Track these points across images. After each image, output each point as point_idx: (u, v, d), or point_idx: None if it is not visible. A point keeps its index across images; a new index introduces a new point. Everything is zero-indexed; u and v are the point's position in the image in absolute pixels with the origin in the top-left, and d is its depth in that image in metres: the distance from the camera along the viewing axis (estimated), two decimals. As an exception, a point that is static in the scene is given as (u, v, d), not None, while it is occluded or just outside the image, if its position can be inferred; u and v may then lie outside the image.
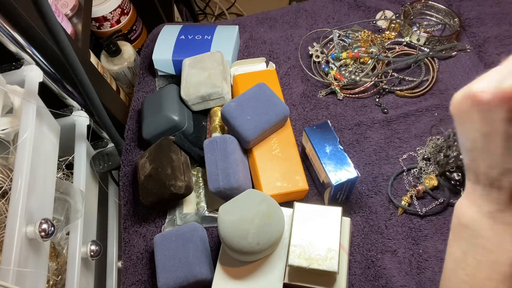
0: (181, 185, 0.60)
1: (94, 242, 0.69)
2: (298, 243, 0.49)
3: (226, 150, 0.59)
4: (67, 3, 0.77)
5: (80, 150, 0.76)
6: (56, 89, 0.71)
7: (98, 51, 0.98)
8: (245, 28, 0.84)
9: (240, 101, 0.62)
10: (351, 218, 0.60)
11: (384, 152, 0.65)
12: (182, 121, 0.67)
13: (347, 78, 0.70)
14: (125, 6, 1.02)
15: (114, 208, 0.87)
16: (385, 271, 0.56)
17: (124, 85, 1.03)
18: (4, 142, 0.60)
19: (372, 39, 0.74)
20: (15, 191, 0.52)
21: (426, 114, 0.67)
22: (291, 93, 0.74)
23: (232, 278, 0.53)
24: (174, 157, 0.62)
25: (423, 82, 0.71)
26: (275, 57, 0.79)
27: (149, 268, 0.62)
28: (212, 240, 0.61)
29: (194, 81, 0.68)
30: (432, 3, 0.78)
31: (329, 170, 0.55)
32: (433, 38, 0.72)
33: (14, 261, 0.48)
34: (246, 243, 0.49)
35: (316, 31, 0.81)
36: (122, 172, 0.71)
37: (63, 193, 0.66)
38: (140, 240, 0.64)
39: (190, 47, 0.75)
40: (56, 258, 0.66)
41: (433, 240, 0.57)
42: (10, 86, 0.60)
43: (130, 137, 0.74)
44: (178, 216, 0.64)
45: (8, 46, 0.62)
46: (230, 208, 0.52)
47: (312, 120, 0.70)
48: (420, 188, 0.59)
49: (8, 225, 0.51)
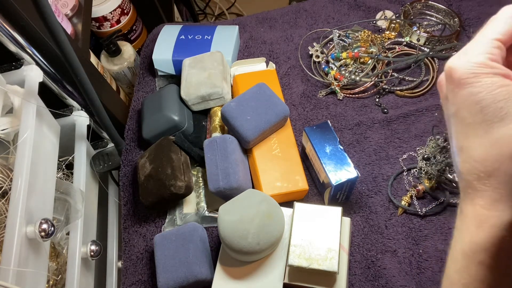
0: (181, 185, 0.60)
1: (94, 242, 0.69)
2: (298, 243, 0.49)
3: (226, 150, 0.59)
4: (67, 3, 0.77)
5: (80, 150, 0.76)
6: (56, 89, 0.71)
7: (98, 51, 0.98)
8: (245, 28, 0.84)
9: (240, 101, 0.62)
10: (351, 218, 0.60)
11: (384, 152, 0.65)
12: (182, 121, 0.67)
13: (347, 78, 0.70)
14: (125, 6, 1.02)
15: (114, 208, 0.87)
16: (385, 271, 0.56)
17: (124, 85, 1.03)
18: (4, 142, 0.60)
19: (372, 39, 0.74)
20: (15, 191, 0.52)
21: (426, 114, 0.67)
22: (291, 93, 0.74)
23: (232, 278, 0.53)
24: (174, 157, 0.62)
25: (423, 82, 0.71)
26: (275, 57, 0.79)
27: (149, 268, 0.62)
28: (212, 240, 0.61)
29: (194, 81, 0.68)
30: (432, 3, 0.78)
31: (329, 170, 0.55)
32: (433, 38, 0.72)
33: (14, 261, 0.48)
34: (246, 243, 0.49)
35: (316, 31, 0.81)
36: (122, 172, 0.71)
37: (63, 193, 0.66)
38: (140, 240, 0.64)
39: (190, 47, 0.75)
40: (56, 258, 0.66)
41: (433, 240, 0.57)
42: (10, 86, 0.60)
43: (130, 137, 0.74)
44: (178, 216, 0.64)
45: (8, 46, 0.62)
46: (230, 208, 0.52)
47: (312, 120, 0.70)
48: (420, 188, 0.59)
49: (8, 225, 0.51)
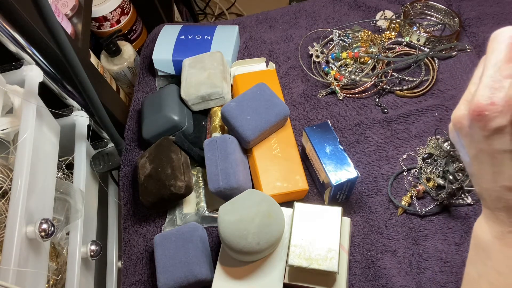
0: (181, 185, 0.60)
1: (94, 242, 0.69)
2: (298, 243, 0.49)
3: (226, 150, 0.59)
4: (67, 3, 0.77)
5: (80, 150, 0.76)
6: (56, 89, 0.71)
7: (98, 51, 0.98)
8: (245, 28, 0.84)
9: (240, 101, 0.62)
10: (351, 218, 0.60)
11: (384, 152, 0.65)
12: (182, 121, 0.67)
13: (347, 78, 0.70)
14: (125, 6, 1.02)
15: (114, 208, 0.87)
16: (385, 271, 0.56)
17: (124, 85, 1.03)
18: (4, 142, 0.60)
19: (372, 39, 0.74)
20: (15, 191, 0.52)
21: (426, 114, 0.67)
22: (291, 93, 0.74)
23: (232, 278, 0.53)
24: (174, 157, 0.62)
25: (423, 82, 0.71)
26: (275, 57, 0.79)
27: (149, 268, 0.62)
28: (212, 240, 0.61)
29: (194, 81, 0.68)
30: (432, 3, 0.78)
31: (329, 170, 0.55)
32: (433, 38, 0.72)
33: (14, 261, 0.48)
34: (246, 243, 0.49)
35: (316, 31, 0.81)
36: (122, 172, 0.71)
37: (63, 193, 0.66)
38: (140, 240, 0.64)
39: (190, 47, 0.75)
40: (56, 258, 0.66)
41: (433, 240, 0.57)
42: (10, 86, 0.60)
43: (130, 137, 0.74)
44: (178, 216, 0.64)
45: (8, 46, 0.62)
46: (230, 208, 0.52)
47: (312, 120, 0.70)
48: (420, 188, 0.59)
49: (8, 225, 0.51)
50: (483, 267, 0.32)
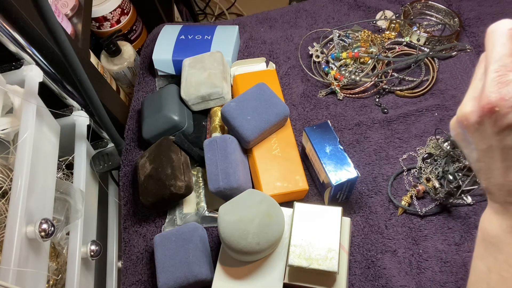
0: (181, 185, 0.60)
1: (94, 242, 0.69)
2: (298, 243, 0.49)
3: (226, 150, 0.59)
4: (67, 3, 0.77)
5: (80, 150, 0.76)
6: (56, 89, 0.71)
7: (98, 51, 0.98)
8: (245, 28, 0.84)
9: (240, 101, 0.62)
10: (351, 218, 0.60)
11: (384, 152, 0.65)
12: (182, 121, 0.67)
13: (347, 78, 0.70)
14: (125, 6, 1.02)
15: (114, 208, 0.87)
16: (385, 271, 0.56)
17: (124, 85, 1.03)
18: (4, 142, 0.60)
19: (372, 39, 0.74)
20: (15, 191, 0.52)
21: (426, 114, 0.68)
22: (291, 93, 0.74)
23: (232, 278, 0.53)
24: (174, 157, 0.62)
25: (423, 82, 0.71)
26: (275, 57, 0.79)
27: (149, 268, 0.62)
28: (212, 240, 0.61)
29: (194, 81, 0.68)
30: (432, 3, 0.78)
31: (329, 170, 0.55)
32: (433, 38, 0.72)
33: (14, 261, 0.48)
34: (246, 243, 0.49)
35: (316, 31, 0.81)
36: (122, 172, 0.71)
37: (63, 193, 0.66)
38: (140, 240, 0.64)
39: (190, 47, 0.75)
40: (56, 258, 0.66)
41: (433, 240, 0.57)
42: (10, 86, 0.60)
43: (130, 137, 0.74)
44: (178, 216, 0.64)
45: (8, 46, 0.62)
46: (230, 208, 0.52)
47: (312, 120, 0.70)
48: (420, 188, 0.59)
49: (8, 225, 0.51)
50: (494, 261, 0.32)
